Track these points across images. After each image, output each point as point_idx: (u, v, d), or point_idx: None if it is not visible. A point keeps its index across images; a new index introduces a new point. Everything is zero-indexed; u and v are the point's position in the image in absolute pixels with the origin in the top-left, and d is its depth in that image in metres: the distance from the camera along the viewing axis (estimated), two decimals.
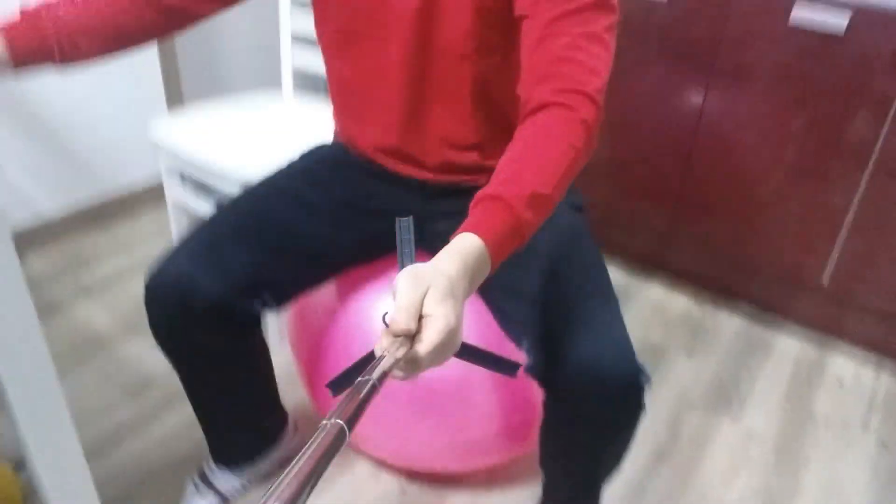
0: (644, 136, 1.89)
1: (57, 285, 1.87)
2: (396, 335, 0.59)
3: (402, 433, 1.20)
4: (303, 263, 1.08)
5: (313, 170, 1.14)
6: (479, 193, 0.72)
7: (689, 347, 1.80)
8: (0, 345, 0.80)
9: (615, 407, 0.89)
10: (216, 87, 2.42)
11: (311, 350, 1.25)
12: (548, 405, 0.98)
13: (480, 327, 1.07)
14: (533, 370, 0.94)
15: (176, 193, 1.76)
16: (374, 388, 0.54)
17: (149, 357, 1.62)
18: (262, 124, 1.71)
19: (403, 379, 0.62)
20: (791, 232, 1.75)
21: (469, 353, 0.82)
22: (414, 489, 1.35)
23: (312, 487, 0.44)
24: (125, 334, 1.70)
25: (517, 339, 1.01)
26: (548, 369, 0.91)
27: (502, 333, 1.07)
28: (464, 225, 0.69)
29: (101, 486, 1.30)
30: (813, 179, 1.67)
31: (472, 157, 1.03)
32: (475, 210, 0.71)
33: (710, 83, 1.72)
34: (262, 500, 0.41)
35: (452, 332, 0.61)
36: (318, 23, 1.05)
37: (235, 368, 1.12)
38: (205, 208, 1.70)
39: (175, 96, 2.21)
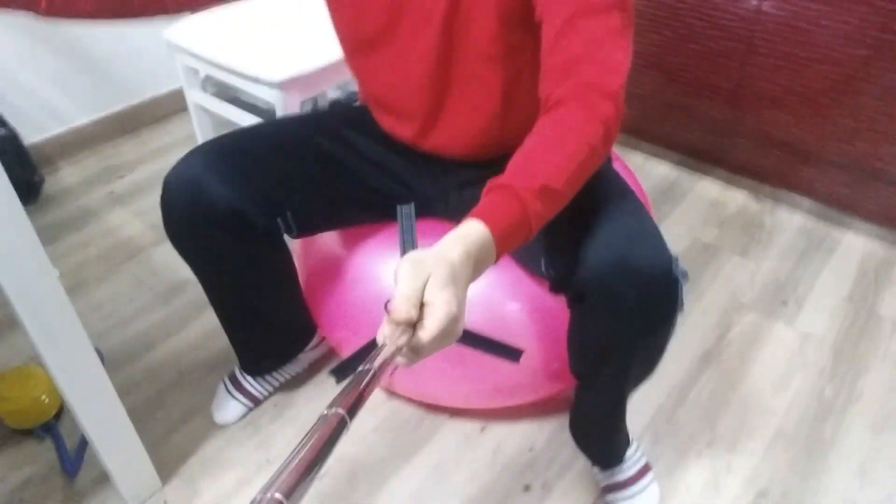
0: (699, 17, 1.69)
1: (90, 193, 1.87)
2: (398, 323, 0.58)
3: (423, 370, 1.13)
4: (330, 197, 1.04)
5: (352, 116, 1.10)
6: (491, 182, 0.71)
7: (745, 246, 1.68)
8: (3, 261, 0.80)
9: (645, 303, 0.82)
10: None
11: (315, 285, 1.22)
12: (574, 311, 0.91)
13: (483, 315, 1.02)
14: (556, 283, 0.88)
15: (196, 97, 1.70)
16: (374, 377, 0.53)
17: (180, 263, 1.60)
18: (284, 23, 1.61)
19: (406, 366, 0.61)
20: (865, 118, 1.57)
21: (471, 339, 0.79)
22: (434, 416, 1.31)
23: (314, 476, 0.44)
24: (157, 241, 1.69)
25: (535, 262, 0.96)
26: (571, 275, 0.84)
27: (502, 325, 1.02)
28: (472, 211, 0.68)
29: (134, 386, 1.33)
30: (886, 73, 1.47)
31: (495, 151, 0.98)
32: (485, 198, 0.70)
33: None
34: (264, 489, 0.41)
35: (454, 320, 0.60)
36: (338, 29, 1.01)
37: (253, 275, 1.08)
38: (227, 111, 1.64)
39: None
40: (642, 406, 1.28)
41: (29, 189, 1.79)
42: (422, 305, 0.60)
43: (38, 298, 0.86)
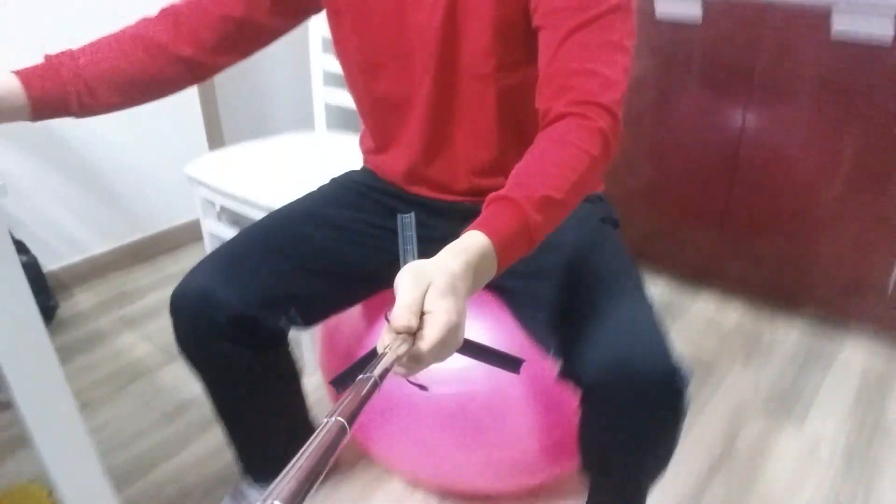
0: (684, 155, 1.83)
1: (101, 318, 1.91)
2: (398, 332, 0.58)
3: (437, 452, 1.14)
4: (330, 281, 1.06)
5: (342, 193, 1.14)
6: (492, 195, 0.71)
7: (745, 358, 1.70)
8: (20, 378, 0.82)
9: (651, 405, 0.83)
10: (256, 129, 2.49)
11: (340, 370, 1.22)
12: (583, 406, 0.92)
13: (485, 325, 1.04)
14: (564, 372, 0.90)
15: (212, 226, 1.80)
16: (375, 385, 0.53)
17: (186, 383, 1.62)
18: (295, 159, 1.74)
19: (406, 375, 0.61)
20: (851, 240, 1.65)
21: (472, 349, 0.79)
22: None
23: (313, 485, 0.43)
24: (164, 362, 1.71)
25: (545, 345, 0.97)
26: (578, 370, 0.86)
27: (505, 332, 1.04)
28: (473, 223, 0.68)
29: (144, 501, 1.29)
30: (870, 192, 1.58)
31: (499, 181, 1.02)
32: (486, 209, 0.70)
33: (749, 101, 1.67)
34: (263, 498, 0.41)
35: (454, 329, 0.60)
36: (340, 57, 1.05)
37: (260, 381, 1.09)
38: None
39: (216, 139, 2.29)
40: None
41: (44, 313, 1.82)
42: (422, 315, 0.59)
43: (52, 419, 0.86)
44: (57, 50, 0.94)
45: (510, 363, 0.94)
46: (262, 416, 1.14)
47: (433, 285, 0.60)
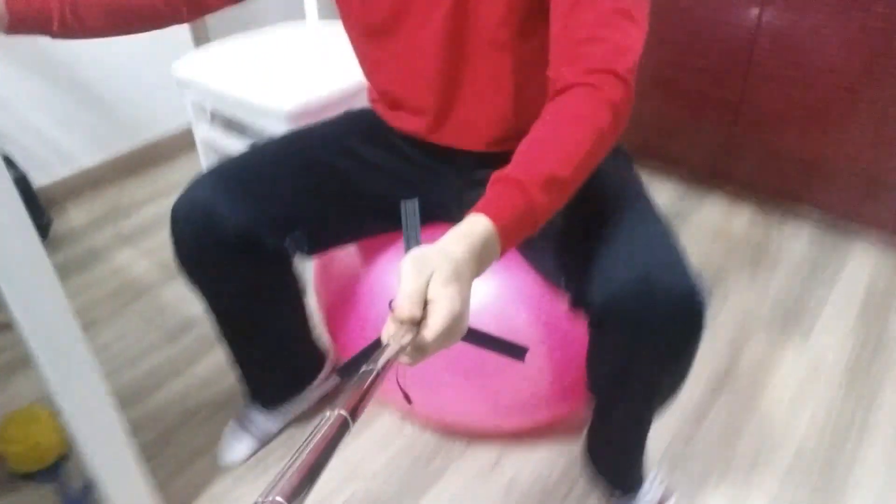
0: (697, 40, 1.71)
1: (97, 234, 1.87)
2: (402, 321, 0.58)
3: (439, 388, 1.12)
4: (341, 208, 1.03)
5: (359, 126, 1.09)
6: (496, 174, 0.69)
7: (753, 268, 1.66)
8: (20, 298, 0.80)
9: (669, 326, 0.80)
10: (242, 22, 2.34)
11: (334, 306, 1.20)
12: (596, 330, 0.89)
13: (487, 314, 1.00)
14: (576, 301, 0.86)
15: (204, 132, 1.72)
16: (378, 377, 0.53)
17: (189, 301, 1.61)
18: (288, 54, 1.63)
19: (410, 365, 0.60)
20: (869, 131, 1.57)
21: (477, 337, 0.77)
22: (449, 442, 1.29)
23: (316, 478, 0.43)
24: (165, 279, 1.69)
25: (555, 278, 0.94)
26: (592, 292, 0.82)
27: (506, 322, 1.01)
28: (477, 205, 0.66)
29: (141, 426, 1.31)
30: (890, 86, 1.47)
31: (511, 146, 0.96)
32: (490, 190, 0.68)
33: None
34: (266, 492, 0.40)
35: (458, 317, 0.59)
36: (345, 19, 1.00)
37: (264, 301, 1.07)
38: (235, 146, 1.65)
39: (201, 34, 2.15)
40: (657, 432, 1.25)
41: (38, 231, 1.80)
42: (426, 303, 0.59)
43: (54, 338, 0.85)
44: None
45: (515, 351, 0.94)
46: (266, 336, 1.12)
47: (436, 273, 0.59)
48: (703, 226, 1.82)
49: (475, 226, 0.64)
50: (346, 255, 1.19)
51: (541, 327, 1.05)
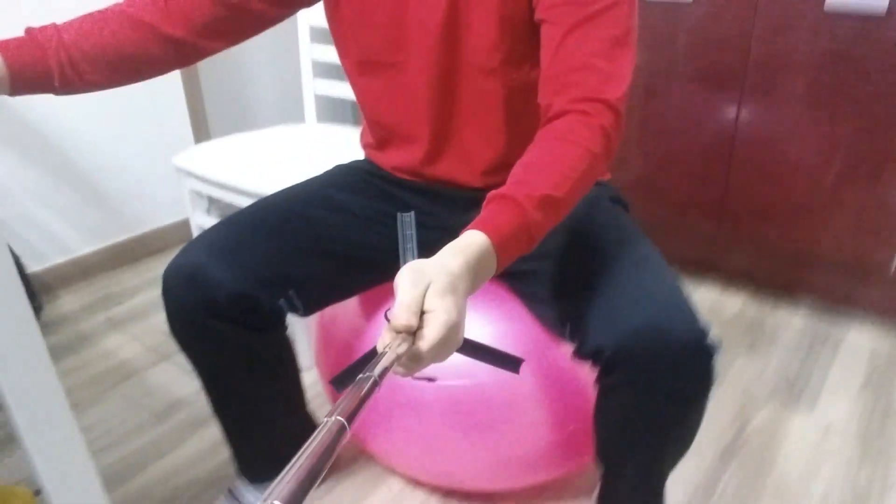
0: (679, 143, 1.81)
1: (88, 320, 1.84)
2: (398, 331, 0.58)
3: (440, 449, 1.09)
4: (332, 265, 1.02)
5: (347, 178, 1.10)
6: (491, 193, 0.70)
7: (750, 345, 1.67)
8: (10, 377, 0.77)
9: (680, 372, 0.79)
10: (242, 122, 2.45)
11: (337, 369, 1.17)
12: (602, 386, 0.87)
13: (484, 325, 1.00)
14: (581, 351, 0.85)
15: (201, 220, 1.74)
16: (375, 385, 0.53)
17: (177, 382, 1.56)
18: (287, 150, 1.69)
19: (405, 375, 0.61)
20: (851, 225, 1.63)
21: (472, 348, 0.78)
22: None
23: (312, 485, 0.43)
24: (154, 362, 1.65)
25: (557, 328, 0.93)
26: (599, 342, 0.81)
27: (502, 331, 1.00)
28: (473, 222, 0.68)
29: (135, 502, 1.23)
30: (869, 176, 1.56)
31: (505, 177, 1.01)
32: (486, 208, 0.70)
33: (745, 82, 1.65)
34: (264, 498, 0.41)
35: (454, 328, 0.60)
36: (341, 53, 1.03)
37: (257, 365, 1.04)
38: None
39: (202, 133, 2.24)
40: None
41: None
42: (422, 314, 0.59)
43: (42, 416, 0.81)
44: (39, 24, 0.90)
45: (510, 363, 0.93)
46: (258, 405, 1.08)
47: (433, 285, 0.60)
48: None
49: (471, 241, 0.65)
50: (346, 314, 1.18)
51: (542, 378, 1.03)
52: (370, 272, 1.06)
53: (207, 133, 2.26)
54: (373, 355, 0.58)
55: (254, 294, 0.94)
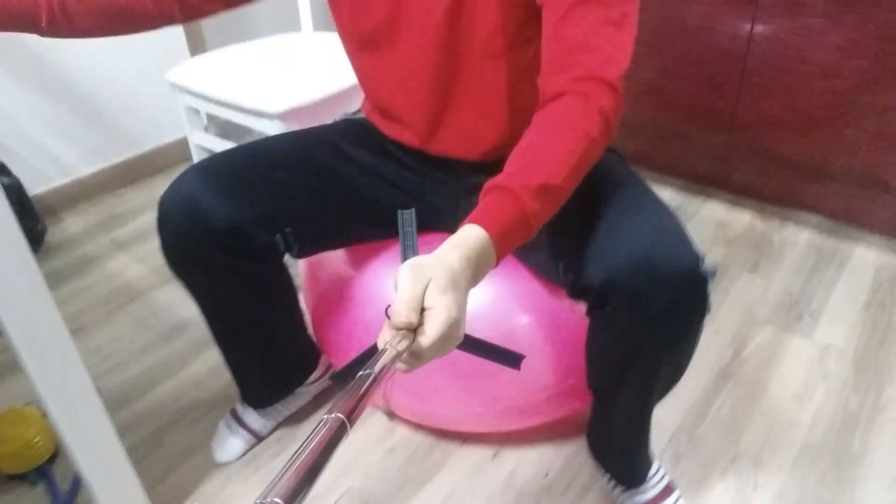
0: (691, 50, 1.71)
1: (92, 242, 1.86)
2: (398, 328, 0.59)
3: (433, 395, 1.10)
4: (332, 211, 1.01)
5: (352, 131, 1.08)
6: (488, 183, 0.70)
7: (754, 263, 1.65)
8: (8, 305, 0.78)
9: (674, 301, 0.78)
10: (238, 33, 2.36)
11: (322, 312, 1.18)
12: (595, 317, 0.87)
13: (493, 329, 0.99)
14: (576, 287, 0.84)
15: (199, 138, 1.72)
16: (375, 382, 0.53)
17: (182, 303, 1.59)
18: (282, 61, 1.64)
19: (406, 371, 0.61)
20: (868, 130, 1.56)
21: (472, 344, 0.78)
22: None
23: (313, 481, 0.43)
24: (159, 283, 1.67)
25: (551, 268, 0.92)
26: (593, 274, 0.80)
27: (512, 340, 0.99)
28: (470, 215, 0.67)
29: (133, 425, 1.29)
30: (885, 82, 1.47)
31: (507, 153, 0.98)
32: (483, 200, 0.69)
33: None
34: (263, 494, 0.41)
35: (455, 325, 0.60)
36: (339, 30, 1.00)
37: (254, 298, 1.04)
38: None
39: (198, 45, 2.17)
40: (660, 425, 1.23)
41: (32, 239, 1.79)
42: (422, 311, 0.59)
43: (41, 342, 0.83)
44: None
45: (511, 359, 0.93)
46: (256, 334, 1.10)
47: (433, 281, 0.60)
48: (702, 228, 1.80)
49: (470, 235, 0.65)
50: (336, 260, 1.17)
51: (540, 329, 1.03)
52: (369, 225, 1.06)
53: (203, 43, 2.18)
54: (373, 352, 0.58)
55: (250, 227, 0.94)
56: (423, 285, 0.59)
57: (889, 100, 1.49)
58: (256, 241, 0.95)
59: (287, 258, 1.04)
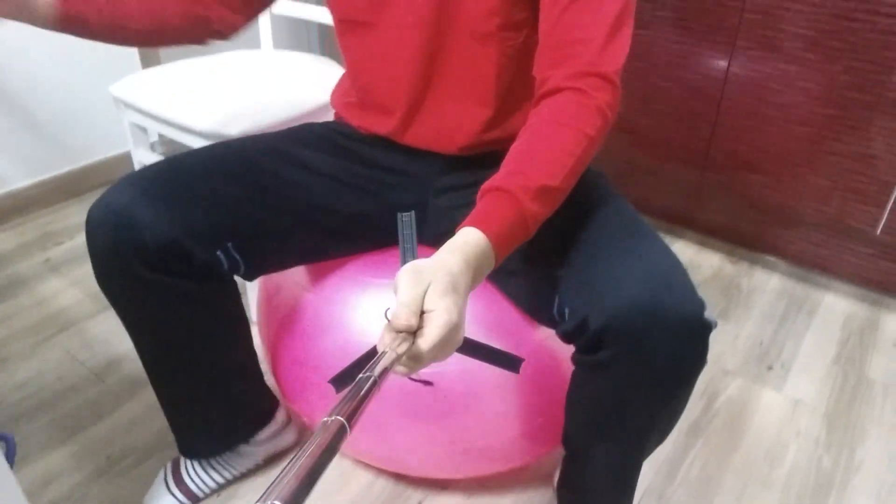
0: (666, 90, 1.68)
1: (24, 261, 1.72)
2: (398, 331, 0.59)
3: (399, 439, 1.01)
4: (284, 223, 0.91)
5: (311, 135, 0.99)
6: (486, 184, 0.69)
7: (723, 309, 1.61)
8: None
9: (677, 351, 0.72)
10: (195, 49, 2.25)
11: (280, 344, 1.06)
12: (585, 363, 0.79)
13: (484, 322, 0.92)
14: (564, 325, 0.78)
15: (143, 157, 1.60)
16: (375, 385, 0.53)
17: (119, 335, 1.46)
18: (241, 79, 1.53)
19: (406, 375, 0.61)
20: (837, 182, 1.54)
21: (472, 348, 0.77)
22: (403, 487, 1.17)
23: (313, 484, 0.43)
24: (94, 312, 1.54)
25: (533, 303, 0.87)
26: (586, 317, 0.74)
27: (502, 330, 0.92)
28: (468, 218, 0.67)
29: (57, 476, 1.16)
30: (857, 132, 1.46)
31: (494, 135, 0.93)
32: (480, 202, 0.69)
33: (737, 36, 1.52)
34: (263, 497, 0.41)
35: (454, 328, 0.60)
36: (330, 9, 0.96)
37: (194, 326, 0.92)
38: None
39: (151, 56, 2.05)
40: None
41: None
42: (422, 314, 0.59)
43: None
44: None
45: (510, 362, 0.90)
46: (197, 369, 0.96)
47: (433, 285, 0.60)
48: None
49: (469, 239, 0.64)
50: (295, 283, 1.06)
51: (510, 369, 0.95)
52: (324, 237, 0.95)
53: (157, 56, 2.06)
54: (372, 355, 0.58)
55: (186, 241, 0.83)
56: (422, 288, 0.60)
57: (859, 149, 1.48)
58: (194, 257, 0.85)
59: (235, 277, 0.92)
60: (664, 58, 1.66)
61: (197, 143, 1.37)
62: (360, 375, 0.54)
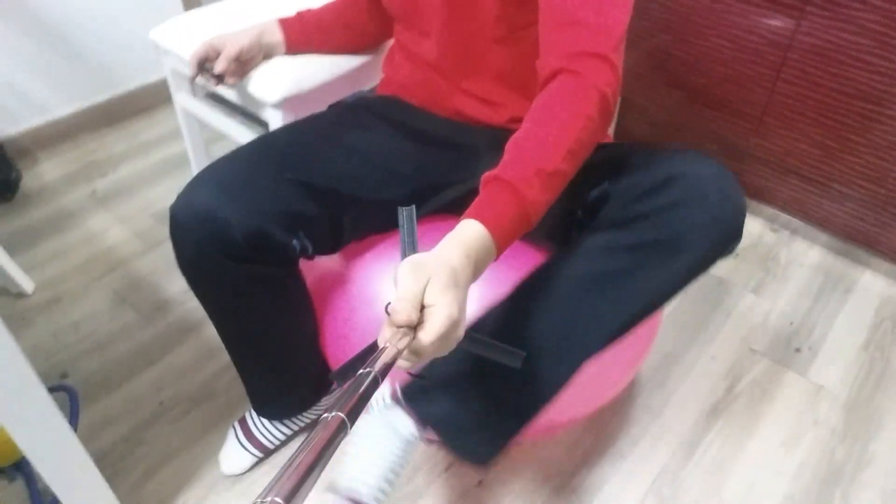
0: (726, 48, 1.59)
1: (71, 193, 1.76)
2: (398, 326, 0.58)
3: None
4: (341, 209, 0.95)
5: (357, 115, 1.03)
6: (486, 175, 0.70)
7: (759, 282, 1.60)
8: None
9: (722, 214, 0.76)
10: None
11: (323, 311, 1.10)
12: (611, 228, 0.80)
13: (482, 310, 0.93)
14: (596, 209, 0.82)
15: (184, 101, 1.58)
16: (375, 380, 0.53)
17: (166, 277, 1.52)
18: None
19: (407, 369, 0.62)
20: (892, 156, 1.48)
21: (473, 342, 0.77)
22: None
23: (314, 480, 0.43)
24: (141, 251, 1.60)
25: (560, 223, 0.88)
26: (651, 174, 0.78)
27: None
28: (469, 209, 0.67)
29: (111, 420, 1.25)
30: None
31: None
32: (481, 194, 0.69)
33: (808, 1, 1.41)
34: (263, 493, 0.41)
35: (455, 322, 0.60)
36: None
37: (272, 309, 0.98)
38: (219, 120, 1.52)
39: (192, 1, 1.97)
40: (645, 465, 1.22)
41: (6, 186, 1.69)
42: (423, 308, 0.59)
43: None
44: None
45: (511, 357, 0.87)
46: (274, 346, 1.04)
47: (434, 279, 0.60)
48: None
49: (470, 231, 0.65)
50: (336, 258, 1.09)
51: None
52: (382, 213, 0.98)
53: None
54: (373, 350, 0.58)
55: (269, 230, 0.87)
56: (423, 282, 0.59)
57: None
58: (275, 244, 0.89)
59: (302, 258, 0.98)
60: (726, 15, 1.56)
61: (238, 99, 1.35)
62: (361, 371, 0.53)
